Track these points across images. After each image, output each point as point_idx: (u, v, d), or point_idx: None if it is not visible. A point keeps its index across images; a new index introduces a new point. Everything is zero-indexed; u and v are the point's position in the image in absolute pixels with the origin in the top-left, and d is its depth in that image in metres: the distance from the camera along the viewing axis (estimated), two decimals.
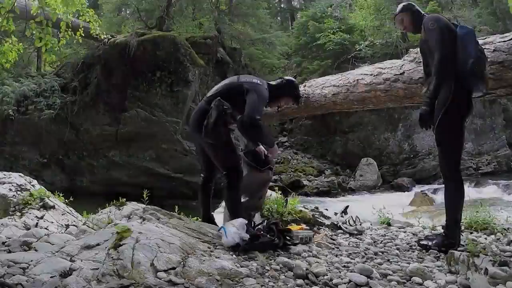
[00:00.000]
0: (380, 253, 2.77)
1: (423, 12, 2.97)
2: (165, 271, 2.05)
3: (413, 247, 2.94)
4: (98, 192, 11.88)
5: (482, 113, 14.26)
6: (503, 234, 3.09)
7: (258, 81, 3.08)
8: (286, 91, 3.24)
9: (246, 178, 3.11)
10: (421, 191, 10.50)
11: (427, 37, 2.73)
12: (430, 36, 2.69)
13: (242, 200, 3.06)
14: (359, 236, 3.24)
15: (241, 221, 2.67)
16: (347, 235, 3.24)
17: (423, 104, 2.65)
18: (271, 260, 2.42)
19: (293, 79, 3.38)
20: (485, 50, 2.72)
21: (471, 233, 3.21)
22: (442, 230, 2.94)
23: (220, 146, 2.92)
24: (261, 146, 3.05)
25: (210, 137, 2.84)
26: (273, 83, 3.24)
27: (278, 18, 27.91)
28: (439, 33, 2.63)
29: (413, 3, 3.04)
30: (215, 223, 3.32)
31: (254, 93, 2.89)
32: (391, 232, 3.42)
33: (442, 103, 2.64)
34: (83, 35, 6.52)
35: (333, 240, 3.07)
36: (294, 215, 3.43)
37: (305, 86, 4.47)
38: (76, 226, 4.24)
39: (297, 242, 2.77)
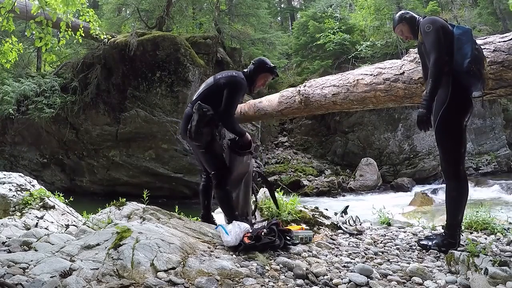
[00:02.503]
0: (380, 253, 2.77)
1: (417, 16, 2.98)
2: (165, 271, 2.05)
3: (413, 247, 2.93)
4: (98, 192, 11.90)
5: (482, 113, 14.26)
6: (503, 234, 3.09)
7: (234, 73, 3.27)
8: (259, 70, 3.33)
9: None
10: (421, 191, 10.50)
11: (423, 39, 2.74)
12: (426, 39, 2.70)
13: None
14: (359, 236, 3.23)
15: (245, 225, 2.71)
16: (347, 235, 3.24)
17: (420, 106, 2.66)
18: (271, 260, 2.42)
19: (261, 57, 3.50)
20: (485, 50, 2.72)
21: (471, 233, 3.21)
22: (442, 230, 2.94)
23: (205, 147, 3.08)
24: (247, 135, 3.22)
25: (194, 139, 3.03)
26: (246, 70, 3.39)
27: (278, 18, 27.91)
28: (435, 35, 2.64)
29: (406, 11, 3.06)
30: (214, 223, 3.32)
31: (228, 87, 3.09)
32: (391, 232, 3.42)
33: (441, 103, 2.65)
34: (83, 35, 6.52)
35: (333, 240, 3.07)
36: (294, 215, 3.43)
37: (305, 86, 4.48)
38: (76, 226, 4.25)
39: (297, 242, 2.78)
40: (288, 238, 2.73)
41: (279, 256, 2.48)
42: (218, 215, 3.97)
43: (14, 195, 4.62)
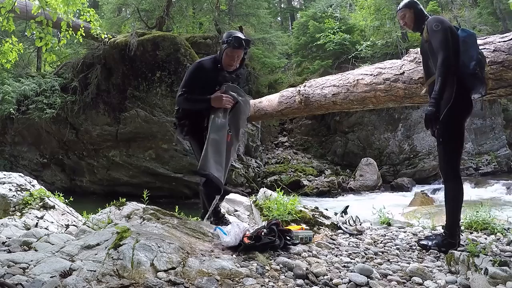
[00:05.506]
0: (380, 253, 2.77)
1: (426, 13, 2.97)
2: (165, 271, 2.05)
3: (413, 247, 2.93)
4: (98, 192, 11.91)
5: (482, 113, 14.26)
6: (503, 234, 3.09)
7: (197, 60, 3.41)
8: (222, 45, 3.19)
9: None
10: (421, 191, 10.49)
11: (430, 38, 2.72)
12: (433, 38, 2.68)
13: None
14: (359, 236, 3.23)
15: (245, 224, 2.70)
16: (347, 235, 3.24)
17: (429, 105, 2.64)
18: (271, 260, 2.42)
19: (231, 30, 3.48)
20: (485, 50, 2.73)
21: (471, 233, 3.21)
22: (442, 230, 2.94)
23: (191, 139, 3.30)
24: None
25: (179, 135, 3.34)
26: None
27: (278, 18, 27.92)
28: (443, 34, 2.63)
29: (417, 1, 3.01)
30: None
31: None
32: (391, 232, 3.41)
33: (444, 103, 2.64)
34: (83, 34, 6.52)
35: (333, 240, 3.07)
36: (294, 215, 3.43)
37: (305, 86, 4.48)
38: (76, 226, 4.25)
39: (297, 242, 2.78)
40: (288, 238, 2.73)
41: (279, 256, 2.48)
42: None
43: (14, 195, 4.62)
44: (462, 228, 3.12)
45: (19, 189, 4.76)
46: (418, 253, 2.79)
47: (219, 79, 3.22)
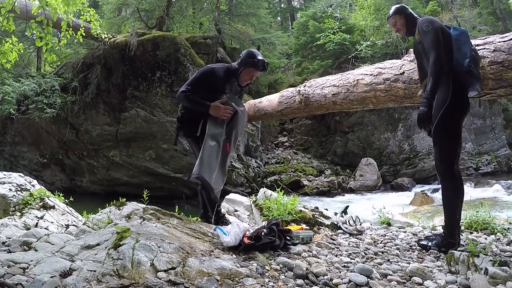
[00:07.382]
0: (380, 253, 2.77)
1: (416, 15, 2.99)
2: (165, 271, 2.05)
3: (413, 247, 2.93)
4: (98, 192, 11.91)
5: (482, 113, 14.25)
6: (503, 234, 3.09)
7: (211, 64, 3.43)
8: (242, 63, 3.16)
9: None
10: (421, 191, 10.50)
11: (421, 39, 2.74)
12: (424, 38, 2.71)
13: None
14: (359, 236, 3.23)
15: (245, 224, 2.71)
16: (347, 235, 3.24)
17: (421, 105, 2.67)
18: (271, 260, 2.42)
19: (250, 50, 3.30)
20: (485, 50, 2.73)
21: (471, 233, 3.21)
22: (442, 230, 2.94)
23: (194, 145, 3.30)
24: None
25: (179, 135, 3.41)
26: (235, 63, 3.29)
27: (278, 18, 27.92)
28: (434, 34, 2.65)
29: (405, 6, 3.07)
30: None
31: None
32: (391, 232, 3.42)
33: (441, 103, 2.65)
34: (84, 34, 6.53)
35: (333, 240, 3.07)
36: (294, 215, 3.43)
37: (305, 86, 4.48)
38: (76, 226, 4.25)
39: (297, 242, 2.78)
40: (288, 238, 2.73)
41: (279, 256, 2.48)
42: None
43: (14, 195, 4.62)
44: (462, 228, 3.13)
45: (19, 189, 4.76)
46: (418, 253, 2.79)
47: (226, 89, 3.24)
